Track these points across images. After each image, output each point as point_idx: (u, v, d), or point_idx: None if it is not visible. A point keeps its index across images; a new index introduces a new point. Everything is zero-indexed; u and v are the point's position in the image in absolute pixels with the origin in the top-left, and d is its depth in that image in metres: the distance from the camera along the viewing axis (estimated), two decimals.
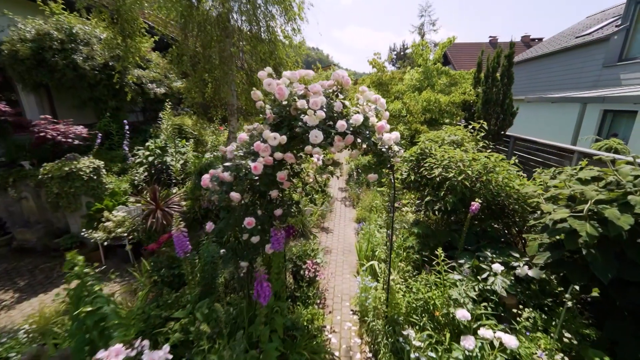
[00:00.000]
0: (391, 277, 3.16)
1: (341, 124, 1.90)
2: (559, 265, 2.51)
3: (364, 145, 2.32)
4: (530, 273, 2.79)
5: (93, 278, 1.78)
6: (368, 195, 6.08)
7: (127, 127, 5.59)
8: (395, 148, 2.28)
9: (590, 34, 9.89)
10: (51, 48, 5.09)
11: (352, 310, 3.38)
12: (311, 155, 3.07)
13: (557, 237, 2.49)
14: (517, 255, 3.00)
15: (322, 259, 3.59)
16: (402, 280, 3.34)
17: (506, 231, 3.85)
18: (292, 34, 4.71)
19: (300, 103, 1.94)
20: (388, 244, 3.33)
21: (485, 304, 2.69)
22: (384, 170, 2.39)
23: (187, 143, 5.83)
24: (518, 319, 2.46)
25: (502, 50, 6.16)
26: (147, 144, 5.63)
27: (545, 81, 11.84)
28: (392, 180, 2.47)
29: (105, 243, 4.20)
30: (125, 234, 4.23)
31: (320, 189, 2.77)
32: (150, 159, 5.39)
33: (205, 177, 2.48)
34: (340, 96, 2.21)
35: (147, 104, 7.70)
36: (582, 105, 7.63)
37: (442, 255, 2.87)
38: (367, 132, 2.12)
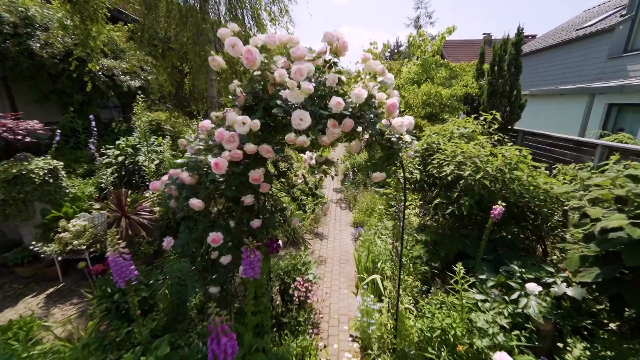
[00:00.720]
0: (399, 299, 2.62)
1: (337, 102, 1.34)
2: (612, 285, 2.00)
3: (366, 136, 1.77)
4: (570, 292, 2.27)
5: None
6: (366, 197, 5.55)
7: (93, 122, 4.94)
8: (407, 138, 1.74)
9: (593, 26, 9.54)
10: (2, 33, 4.43)
11: (351, 335, 2.82)
12: (302, 151, 2.52)
13: (612, 249, 1.97)
14: (550, 269, 2.48)
15: (315, 275, 3.03)
16: (411, 299, 2.80)
17: (522, 236, 3.36)
18: (278, 15, 4.14)
19: (279, 73, 1.38)
20: (395, 258, 2.80)
21: (517, 332, 2.16)
22: (392, 167, 1.84)
23: (164, 141, 5.22)
24: (566, 357, 1.94)
25: (508, 37, 5.68)
26: (117, 142, 5.00)
27: (546, 75, 11.48)
28: (403, 181, 1.92)
29: (60, 258, 3.57)
30: (84, 247, 3.60)
31: (310, 192, 2.21)
32: (120, 158, 4.76)
33: (163, 179, 1.91)
34: (335, 69, 1.66)
35: (124, 98, 7.04)
36: (590, 98, 7.23)
37: (461, 271, 2.34)
38: (372, 115, 1.57)
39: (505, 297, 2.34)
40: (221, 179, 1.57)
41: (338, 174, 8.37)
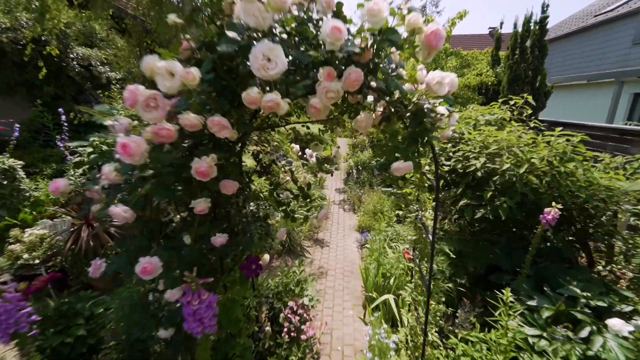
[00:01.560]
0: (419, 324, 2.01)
1: (333, 26, 0.74)
2: None
3: (380, 108, 1.16)
4: None
5: None
6: (372, 198, 4.93)
7: (63, 117, 4.38)
8: (442, 110, 1.13)
9: (615, 10, 8.83)
10: None
11: None
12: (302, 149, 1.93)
13: None
14: (628, 294, 1.86)
15: (313, 296, 2.42)
16: (435, 327, 2.19)
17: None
18: None
19: None
20: (417, 279, 2.19)
21: None
22: (419, 153, 1.22)
23: None
24: None
25: (531, 15, 5.03)
26: (92, 138, 4.43)
27: (561, 65, 10.78)
28: (435, 175, 1.31)
29: (8, 274, 3.00)
30: (38, 260, 3.03)
31: (301, 193, 1.59)
32: (93, 157, 4.18)
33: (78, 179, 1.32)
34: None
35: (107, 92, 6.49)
36: (619, 86, 6.55)
37: (510, 297, 1.73)
38: (392, 66, 0.96)
39: (569, 334, 1.72)
40: (147, 173, 0.97)
41: (339, 168, 7.74)
